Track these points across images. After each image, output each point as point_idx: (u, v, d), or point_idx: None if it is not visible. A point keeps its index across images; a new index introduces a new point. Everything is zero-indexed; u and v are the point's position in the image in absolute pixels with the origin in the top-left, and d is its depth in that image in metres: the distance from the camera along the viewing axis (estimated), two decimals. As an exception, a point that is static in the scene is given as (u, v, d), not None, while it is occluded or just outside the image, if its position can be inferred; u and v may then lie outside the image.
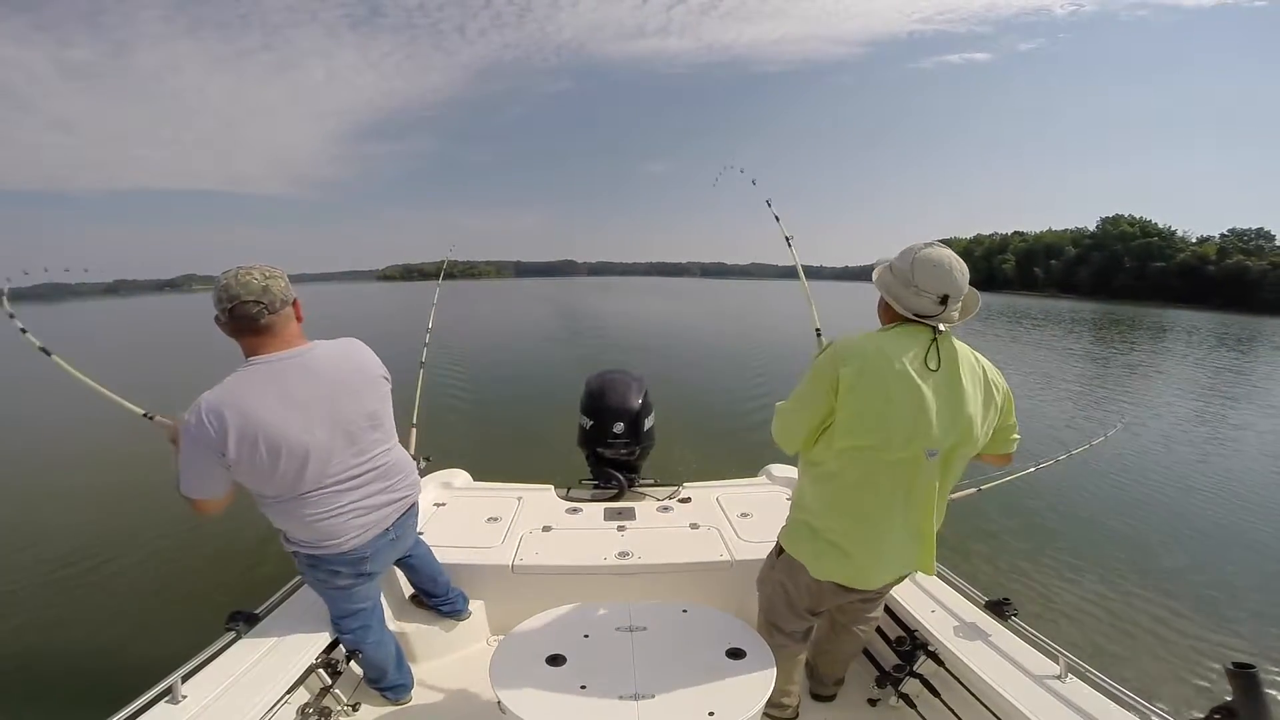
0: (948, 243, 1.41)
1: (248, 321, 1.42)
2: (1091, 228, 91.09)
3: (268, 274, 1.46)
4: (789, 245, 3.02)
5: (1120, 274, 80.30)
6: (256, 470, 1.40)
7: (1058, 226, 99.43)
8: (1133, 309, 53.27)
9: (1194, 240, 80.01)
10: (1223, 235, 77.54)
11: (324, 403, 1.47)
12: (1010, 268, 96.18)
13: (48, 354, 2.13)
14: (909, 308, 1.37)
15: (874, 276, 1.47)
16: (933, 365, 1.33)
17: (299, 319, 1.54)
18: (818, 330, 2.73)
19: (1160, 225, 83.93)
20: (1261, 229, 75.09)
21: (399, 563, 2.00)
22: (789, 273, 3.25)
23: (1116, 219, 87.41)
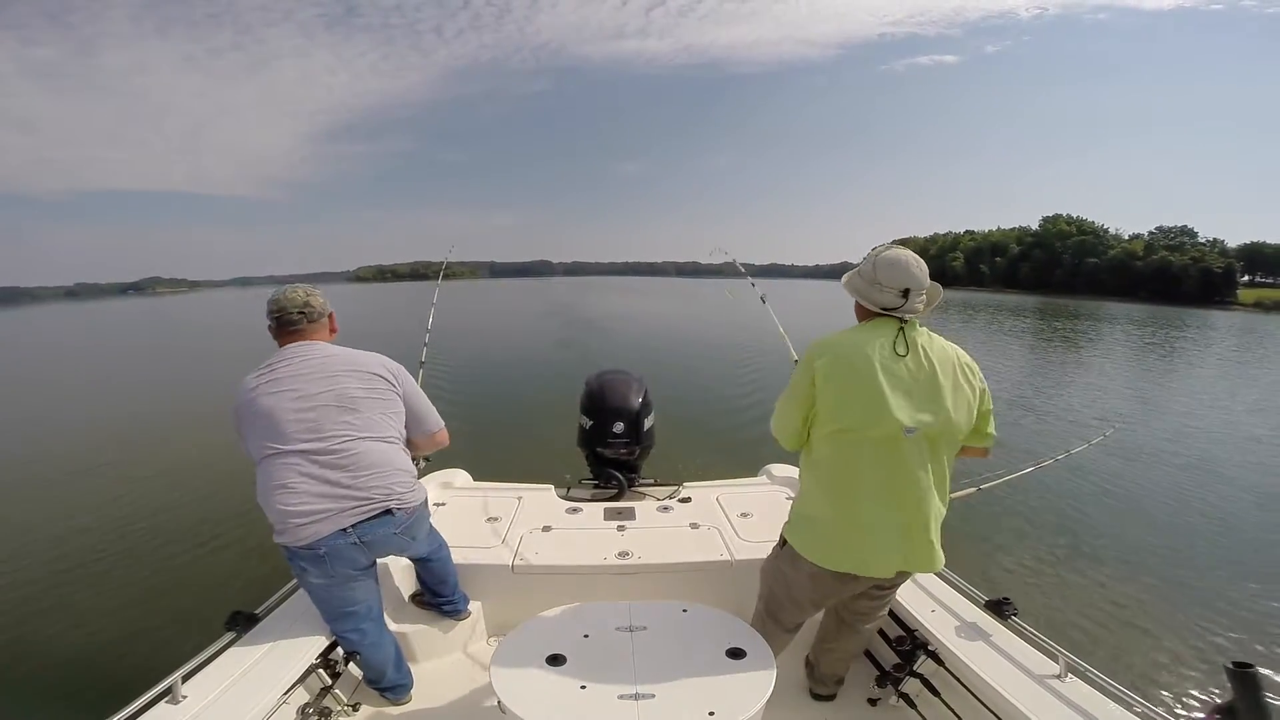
0: (906, 242, 1.50)
1: (289, 325, 1.75)
2: (1035, 226, 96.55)
3: (309, 292, 1.81)
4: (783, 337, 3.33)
5: (1058, 270, 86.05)
6: (244, 433, 1.64)
7: (1006, 225, 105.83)
8: (1069, 302, 57.24)
9: (1125, 237, 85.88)
10: (1150, 233, 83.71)
11: (295, 379, 1.65)
12: (959, 265, 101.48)
13: None
14: (876, 303, 1.51)
15: (843, 282, 1.63)
16: (900, 351, 1.45)
17: (334, 330, 1.86)
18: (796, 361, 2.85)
19: (1095, 224, 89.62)
20: (1185, 227, 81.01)
21: (416, 562, 2.01)
22: (762, 272, 3.56)
23: (1056, 218, 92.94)
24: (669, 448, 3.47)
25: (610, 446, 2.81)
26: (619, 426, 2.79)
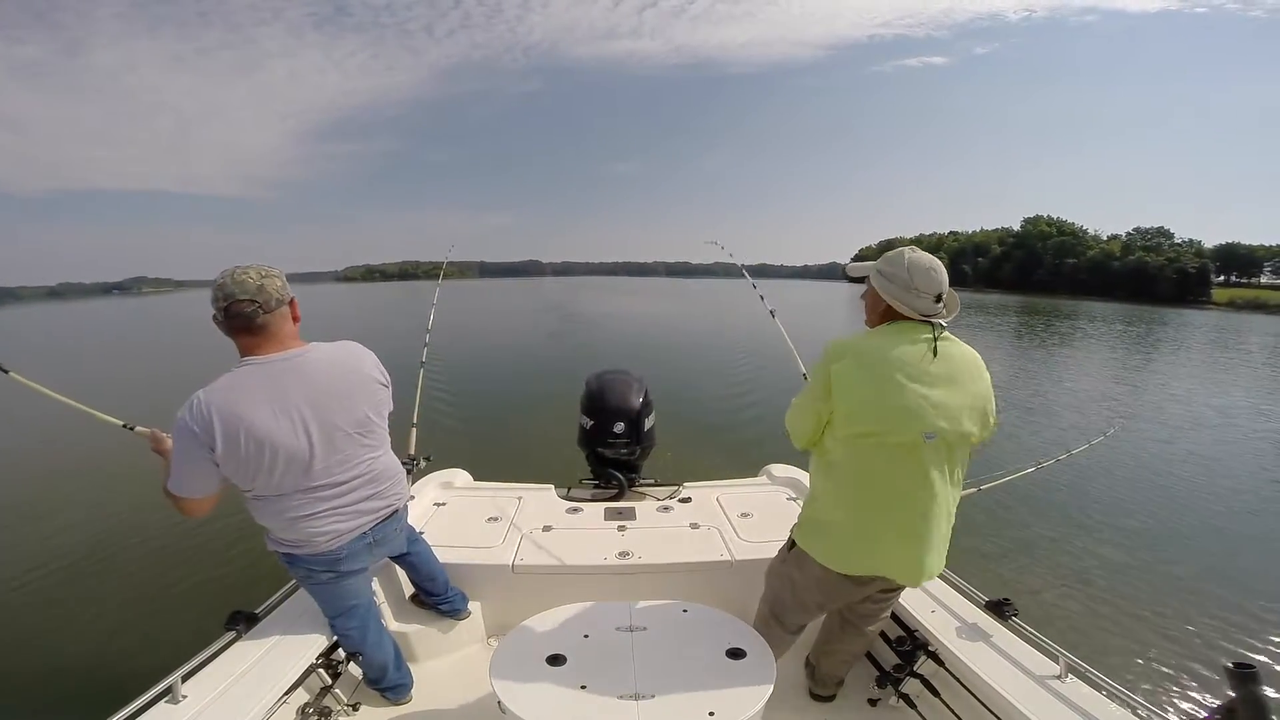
0: (892, 242, 1.49)
1: (242, 321, 1.44)
2: (1016, 227, 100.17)
3: (264, 273, 1.47)
4: (773, 317, 3.39)
5: (1038, 270, 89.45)
6: (241, 468, 1.43)
7: (989, 226, 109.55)
8: (1049, 301, 59.03)
9: (1104, 238, 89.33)
10: (1128, 233, 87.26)
11: (312, 408, 1.48)
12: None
13: (4, 371, 2.01)
14: (915, 309, 1.49)
15: (873, 284, 1.57)
16: (932, 356, 1.43)
17: (296, 319, 1.56)
18: (804, 375, 2.55)
19: (1075, 225, 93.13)
20: (1161, 228, 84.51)
21: (398, 560, 2.00)
22: (751, 272, 3.88)
23: (1036, 219, 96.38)
24: (669, 448, 3.46)
25: (611, 446, 2.81)
26: (619, 426, 2.79)
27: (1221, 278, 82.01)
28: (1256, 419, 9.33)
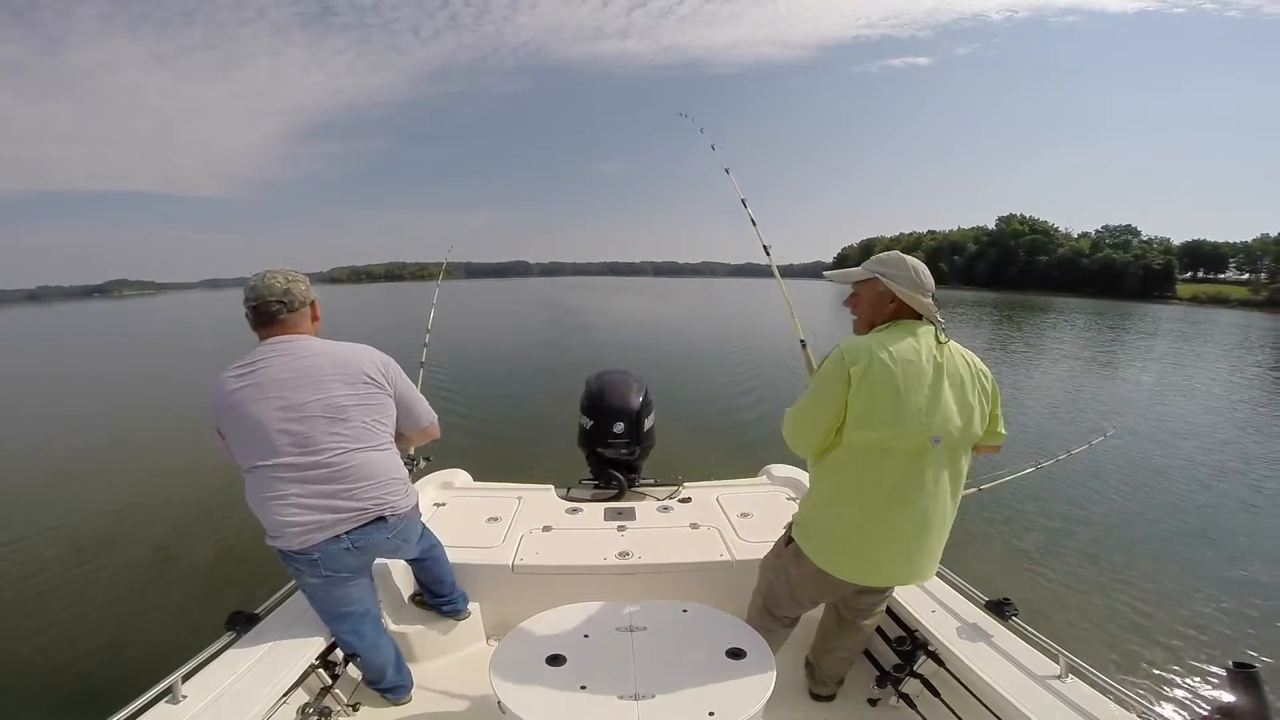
0: (873, 242, 1.50)
1: (268, 317, 1.64)
2: (991, 225, 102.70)
3: (290, 278, 1.68)
4: (766, 252, 2.83)
5: (1011, 267, 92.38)
6: (231, 439, 1.58)
7: (966, 225, 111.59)
8: (1021, 297, 61.31)
9: (1074, 236, 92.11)
10: (1097, 231, 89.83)
11: (281, 386, 1.57)
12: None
13: None
14: (923, 307, 1.52)
15: (886, 281, 1.51)
16: (938, 358, 1.44)
17: (316, 319, 1.74)
18: (802, 341, 2.38)
19: (1047, 223, 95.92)
20: (1129, 225, 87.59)
21: (410, 562, 2.00)
22: (739, 270, 3.30)
23: (1010, 218, 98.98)
24: (669, 448, 3.46)
25: (610, 446, 2.81)
26: (619, 426, 2.79)
27: (1189, 274, 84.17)
28: (1246, 413, 9.34)
